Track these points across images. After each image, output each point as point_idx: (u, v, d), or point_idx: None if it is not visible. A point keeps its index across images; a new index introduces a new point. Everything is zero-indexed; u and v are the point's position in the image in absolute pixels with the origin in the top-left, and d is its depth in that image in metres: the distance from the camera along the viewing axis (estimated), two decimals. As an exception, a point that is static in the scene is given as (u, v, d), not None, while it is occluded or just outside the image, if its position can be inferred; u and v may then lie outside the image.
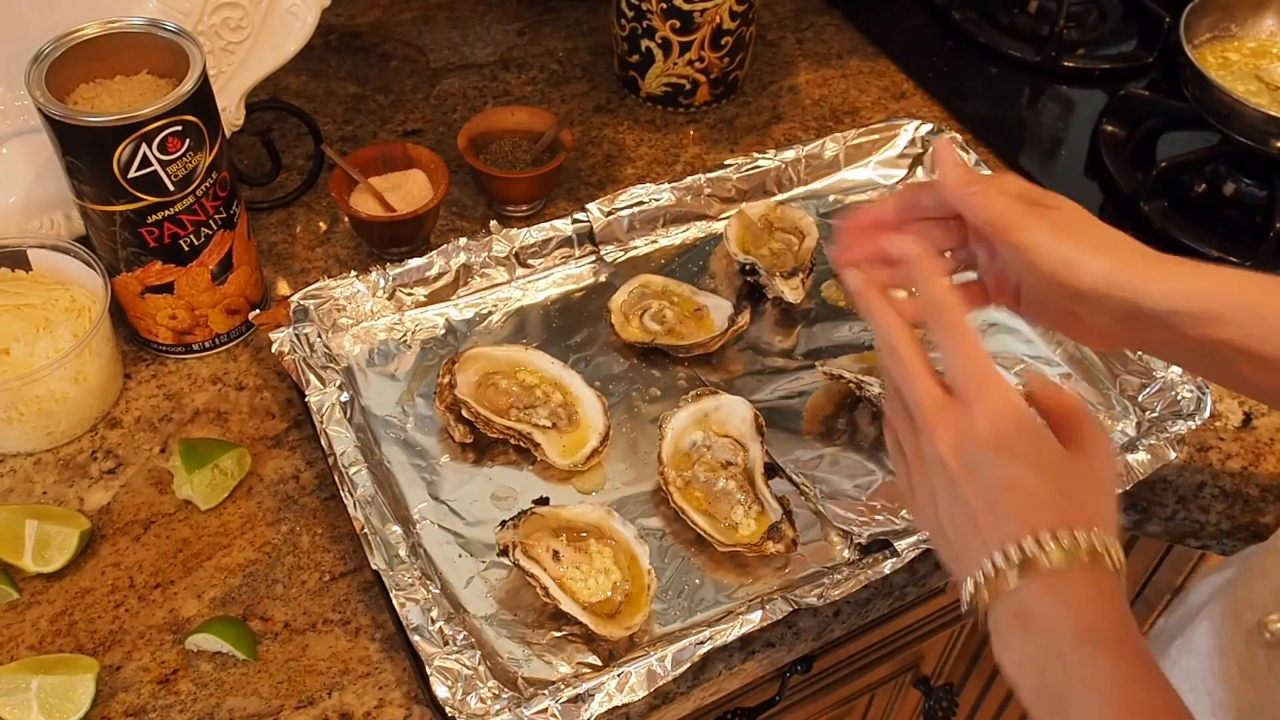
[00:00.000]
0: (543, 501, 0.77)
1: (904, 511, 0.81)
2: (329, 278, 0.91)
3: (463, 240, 0.93)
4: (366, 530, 0.74)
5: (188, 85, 0.75)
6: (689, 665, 0.70)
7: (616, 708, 0.68)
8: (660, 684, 0.69)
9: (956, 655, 1.17)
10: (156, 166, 0.76)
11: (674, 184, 1.00)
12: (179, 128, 0.75)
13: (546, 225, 0.96)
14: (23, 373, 0.80)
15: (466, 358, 0.86)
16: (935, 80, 1.19)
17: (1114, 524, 0.55)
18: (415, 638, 0.69)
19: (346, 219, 1.00)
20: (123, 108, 0.75)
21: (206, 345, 0.88)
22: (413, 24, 1.24)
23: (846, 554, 0.79)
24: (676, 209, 1.00)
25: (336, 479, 0.78)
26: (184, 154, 0.76)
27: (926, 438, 0.57)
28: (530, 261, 0.96)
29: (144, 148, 0.74)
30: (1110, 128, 1.13)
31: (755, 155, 1.03)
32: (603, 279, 0.97)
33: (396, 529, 0.75)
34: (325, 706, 0.71)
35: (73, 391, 0.82)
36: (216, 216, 0.82)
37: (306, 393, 0.82)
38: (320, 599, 0.76)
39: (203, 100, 0.77)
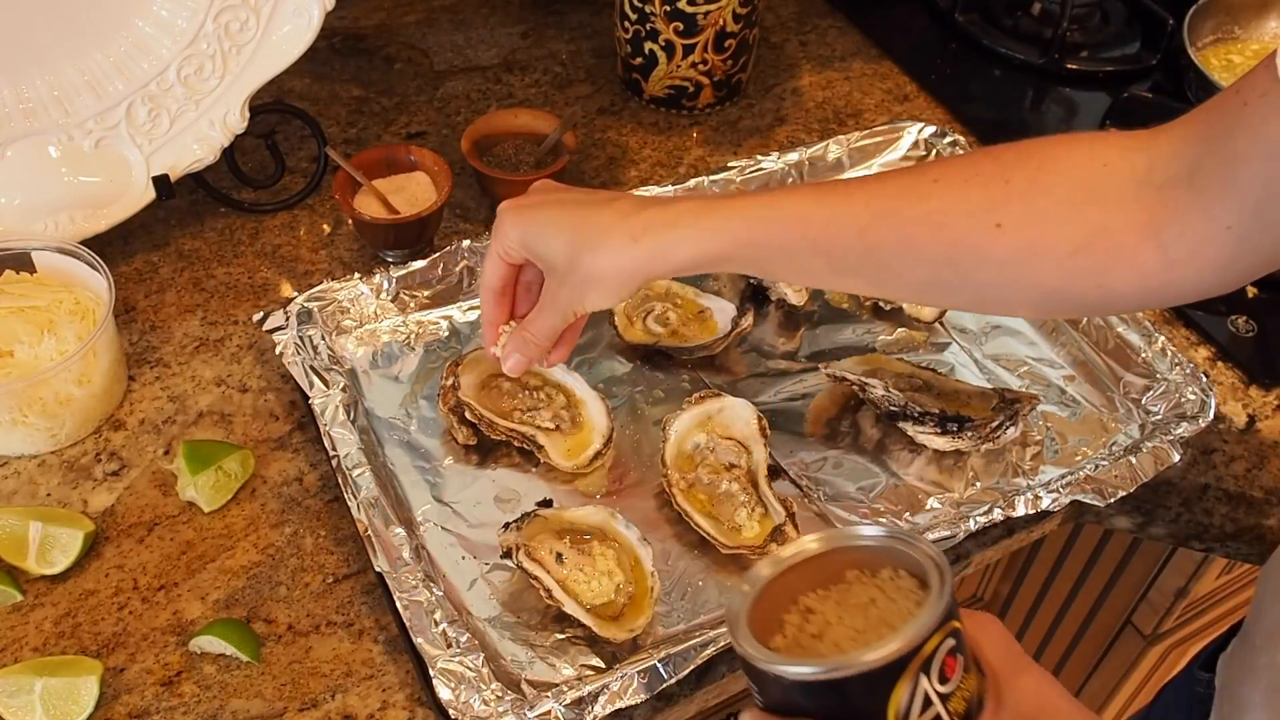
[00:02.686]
0: (546, 504, 0.77)
1: (906, 514, 0.81)
2: (333, 280, 0.91)
3: (466, 243, 0.93)
4: (370, 532, 0.74)
5: (943, 593, 0.49)
6: (692, 668, 0.70)
7: (620, 710, 0.68)
8: (663, 686, 0.69)
9: (960, 658, 1.17)
10: (938, 706, 0.48)
11: (677, 186, 1.00)
12: (953, 641, 0.49)
13: (550, 227, 0.96)
14: (27, 375, 0.80)
15: (470, 360, 0.86)
16: (938, 83, 1.19)
17: None
18: (418, 640, 0.69)
19: (350, 221, 1.00)
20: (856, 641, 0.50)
21: None
22: (416, 26, 1.24)
23: (850, 556, 0.78)
24: (680, 211, 1.00)
25: (340, 481, 0.78)
26: (959, 678, 0.49)
27: None
28: (533, 264, 0.96)
29: (924, 683, 0.48)
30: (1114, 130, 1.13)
31: (759, 157, 1.03)
32: (606, 281, 0.96)
33: (400, 531, 0.75)
34: (328, 709, 0.71)
35: (77, 393, 0.82)
36: None
37: (310, 395, 0.82)
38: (324, 601, 0.76)
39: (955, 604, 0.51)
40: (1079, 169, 0.60)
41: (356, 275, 0.91)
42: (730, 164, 1.02)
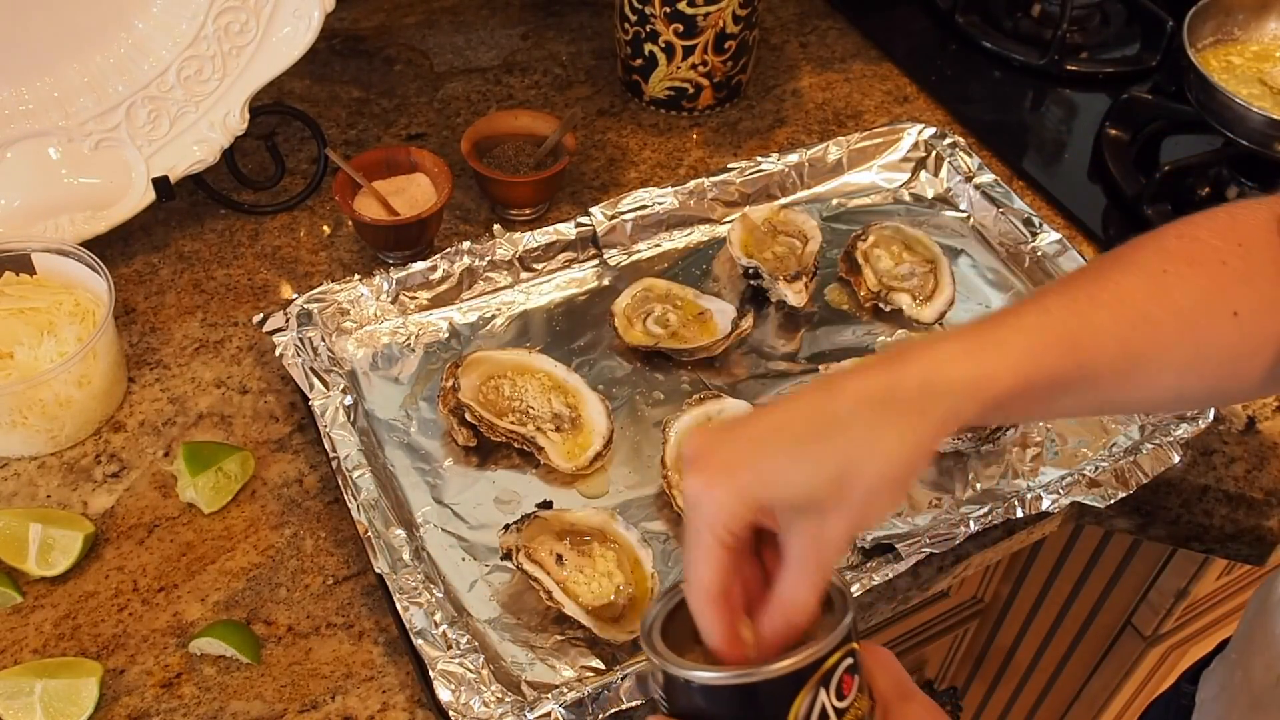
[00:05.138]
0: (546, 505, 0.77)
1: (906, 515, 0.81)
2: (333, 281, 0.91)
3: (466, 244, 0.93)
4: (370, 534, 0.74)
5: (845, 613, 0.50)
6: (692, 669, 0.70)
7: (620, 712, 0.68)
8: (664, 688, 0.69)
9: (960, 659, 1.17)
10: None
11: (677, 188, 1.00)
12: (851, 660, 0.50)
13: (550, 229, 0.96)
14: (27, 376, 0.80)
15: (470, 361, 0.86)
16: (938, 84, 1.19)
17: None
18: (418, 641, 0.69)
19: (350, 223, 1.00)
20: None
21: None
22: (416, 28, 1.24)
23: (849, 558, 0.78)
24: (680, 213, 1.00)
25: (340, 483, 0.78)
26: (854, 697, 0.50)
27: None
28: (533, 265, 0.96)
29: (822, 696, 0.49)
30: (1114, 131, 1.13)
31: (759, 159, 1.03)
32: (606, 283, 0.97)
33: (400, 533, 0.75)
34: (329, 710, 0.71)
35: (77, 395, 0.82)
36: None
37: (310, 396, 0.82)
38: (324, 602, 0.76)
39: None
40: (1275, 243, 0.58)
41: (356, 277, 0.91)
42: (730, 165, 1.02)
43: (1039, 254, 0.96)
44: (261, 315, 0.88)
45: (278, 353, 0.85)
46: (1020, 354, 0.52)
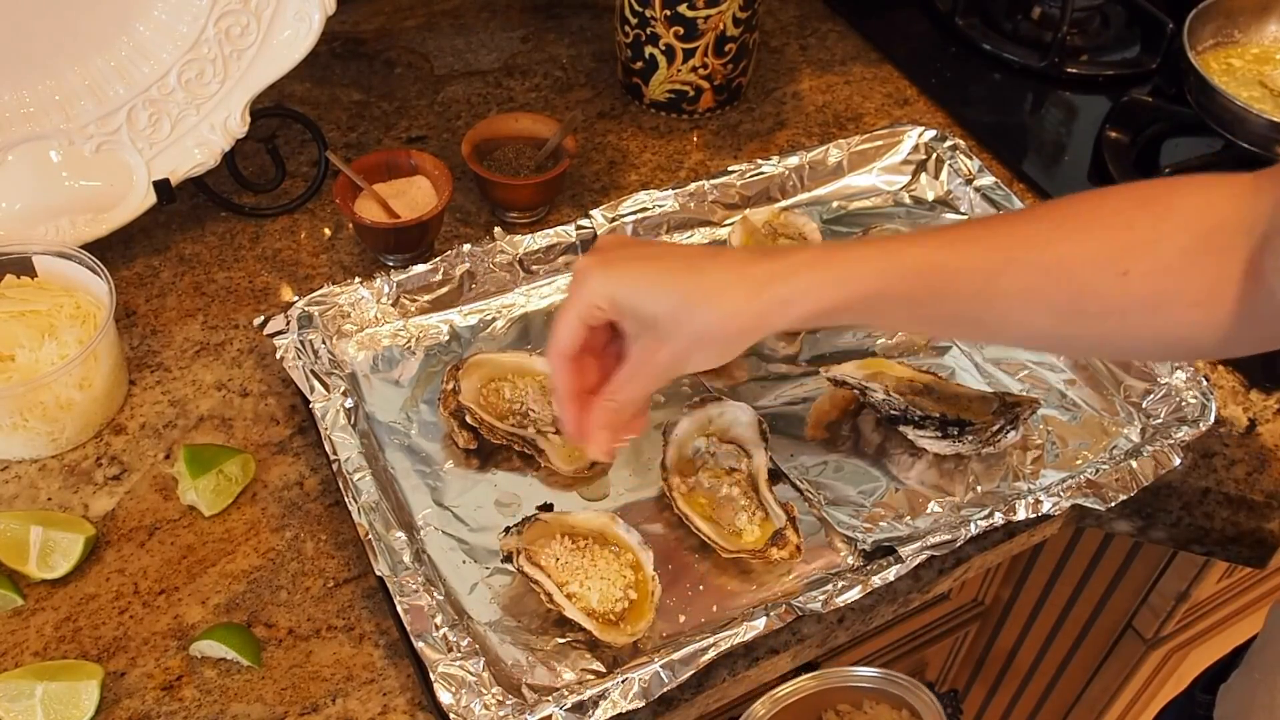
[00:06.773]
0: (547, 508, 0.77)
1: (907, 518, 0.81)
2: (333, 284, 0.91)
3: (467, 247, 0.94)
4: (370, 536, 0.74)
5: None
6: (693, 672, 0.70)
7: (620, 714, 0.68)
8: (664, 690, 0.69)
9: (961, 661, 1.17)
10: None
11: (678, 190, 1.00)
12: None
13: (550, 232, 0.96)
14: (28, 379, 0.80)
15: (470, 364, 0.86)
16: (939, 86, 1.19)
17: None
18: (419, 644, 0.69)
19: (351, 225, 1.00)
20: None
21: None
22: (417, 31, 1.24)
23: (850, 560, 0.78)
24: (680, 215, 1.00)
25: (340, 485, 0.78)
26: None
27: None
28: (534, 268, 0.96)
29: None
30: (1114, 134, 1.13)
31: (759, 161, 1.03)
32: (606, 285, 0.97)
33: (400, 535, 0.75)
34: (329, 713, 0.71)
35: (78, 397, 0.82)
36: None
37: (311, 399, 0.82)
38: (324, 605, 0.76)
39: None
40: (1198, 218, 0.59)
41: (357, 279, 0.91)
42: (730, 168, 1.02)
43: (1039, 256, 0.96)
44: (262, 318, 0.88)
45: (278, 355, 0.85)
46: (865, 279, 0.61)
